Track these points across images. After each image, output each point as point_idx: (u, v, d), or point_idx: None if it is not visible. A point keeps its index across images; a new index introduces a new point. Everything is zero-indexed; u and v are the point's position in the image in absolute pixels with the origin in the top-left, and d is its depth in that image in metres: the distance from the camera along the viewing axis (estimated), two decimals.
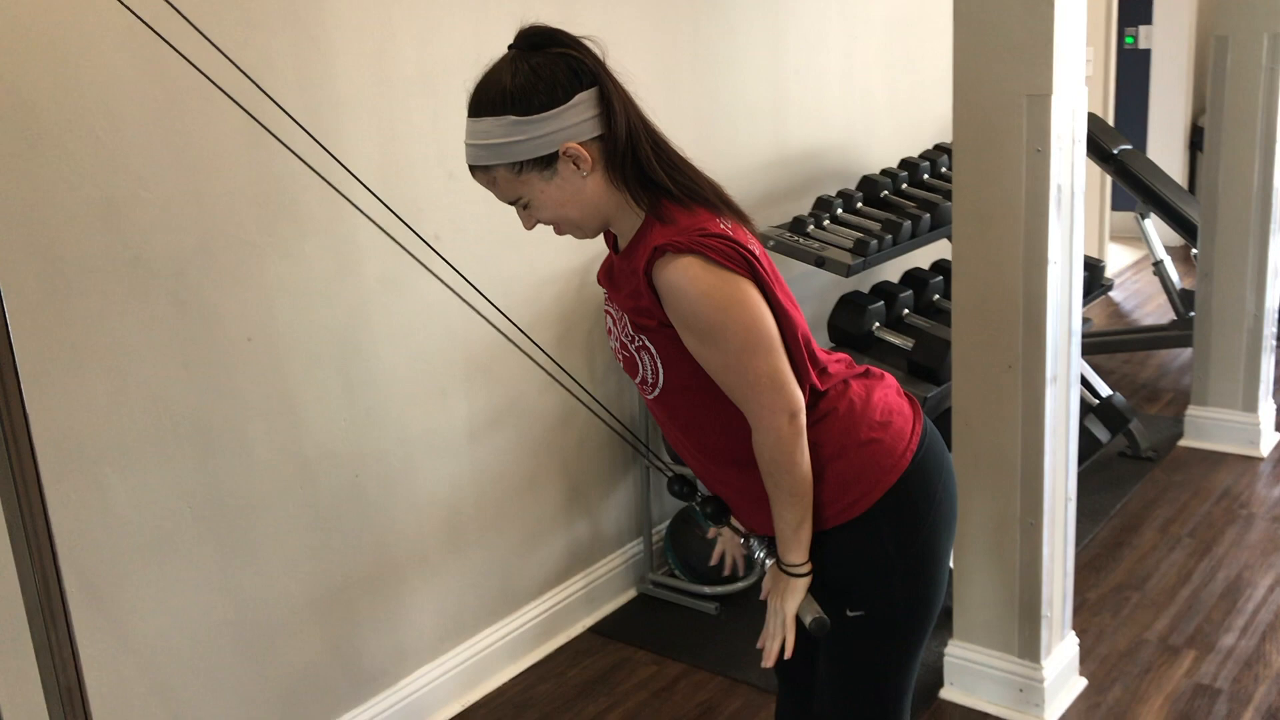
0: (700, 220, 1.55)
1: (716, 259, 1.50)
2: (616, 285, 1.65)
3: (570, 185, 1.55)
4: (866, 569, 1.69)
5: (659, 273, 1.52)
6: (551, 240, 2.95)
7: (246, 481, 2.35)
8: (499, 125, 1.51)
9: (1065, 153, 2.39)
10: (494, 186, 1.57)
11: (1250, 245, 3.86)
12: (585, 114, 1.52)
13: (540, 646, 3.07)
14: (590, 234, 1.64)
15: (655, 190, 1.57)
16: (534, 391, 2.96)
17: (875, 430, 1.66)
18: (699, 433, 1.68)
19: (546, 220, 1.61)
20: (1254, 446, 4.03)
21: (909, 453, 1.67)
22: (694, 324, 1.53)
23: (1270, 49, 3.70)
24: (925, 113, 4.46)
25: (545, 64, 1.51)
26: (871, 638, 1.72)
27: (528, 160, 1.52)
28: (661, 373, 1.62)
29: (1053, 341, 2.46)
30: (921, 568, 1.69)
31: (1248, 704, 2.68)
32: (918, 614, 1.72)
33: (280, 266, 2.36)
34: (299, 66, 2.33)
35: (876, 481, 1.65)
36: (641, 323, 1.59)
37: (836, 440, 1.64)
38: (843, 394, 1.67)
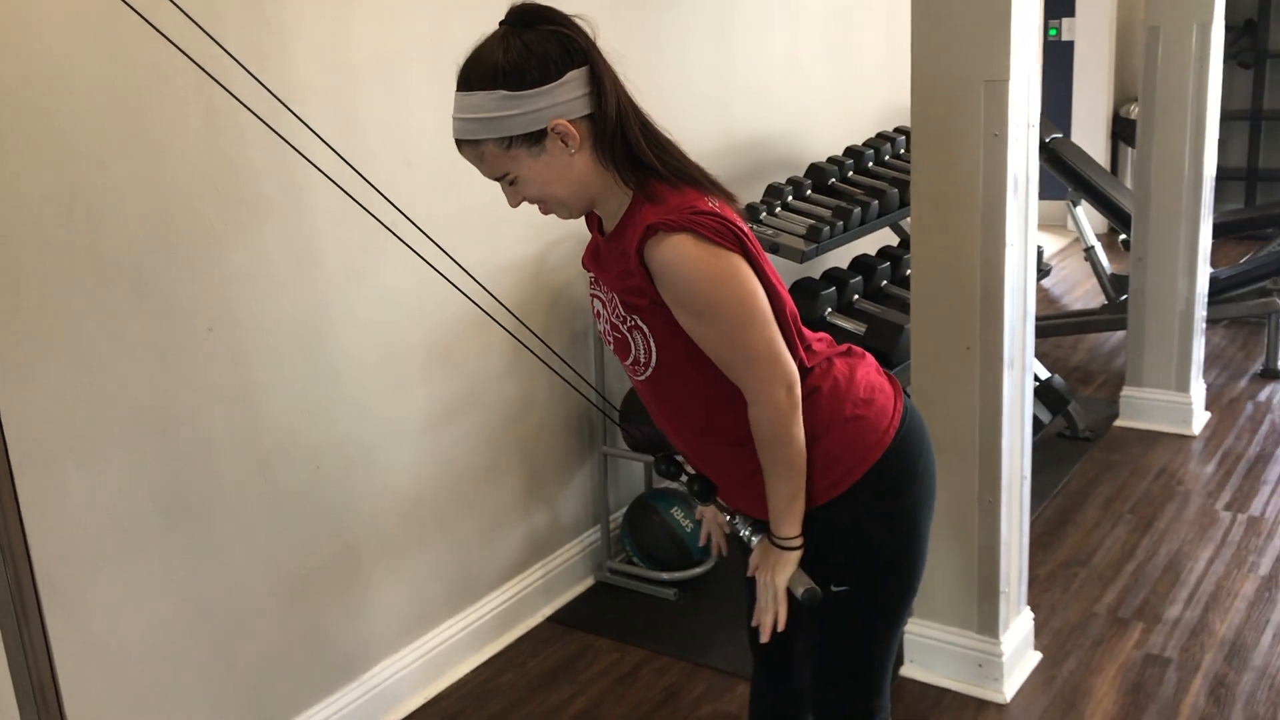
0: (689, 199, 1.56)
1: (709, 235, 1.51)
2: (604, 266, 1.66)
3: (558, 162, 1.55)
4: (851, 544, 1.71)
5: (652, 251, 1.52)
6: (509, 227, 2.93)
7: (208, 473, 2.31)
8: (490, 100, 1.50)
9: (1021, 138, 2.43)
10: (480, 161, 1.57)
11: (1182, 231, 3.97)
12: (575, 92, 1.52)
13: (501, 636, 3.06)
14: (576, 213, 1.64)
15: (643, 170, 1.57)
16: (493, 380, 2.95)
17: (859, 407, 1.68)
18: (690, 412, 1.69)
19: (533, 197, 1.60)
20: (1187, 425, 4.15)
21: (891, 429, 1.70)
22: (689, 301, 1.54)
23: (1200, 38, 3.80)
24: (865, 101, 4.51)
25: (537, 40, 1.51)
26: (855, 612, 1.75)
27: (517, 136, 1.52)
28: (655, 352, 1.62)
29: (1010, 324, 2.51)
30: (904, 542, 1.72)
31: (1195, 672, 2.76)
32: (900, 588, 1.75)
33: (240, 254, 2.31)
34: (255, 52, 2.29)
35: (861, 458, 1.67)
36: (633, 302, 1.59)
37: (822, 417, 1.66)
38: (827, 372, 1.69)
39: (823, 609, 1.76)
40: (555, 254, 3.08)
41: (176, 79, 2.16)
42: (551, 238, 3.06)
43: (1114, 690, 2.71)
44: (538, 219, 3.00)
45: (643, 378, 1.68)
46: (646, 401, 1.75)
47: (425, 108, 2.66)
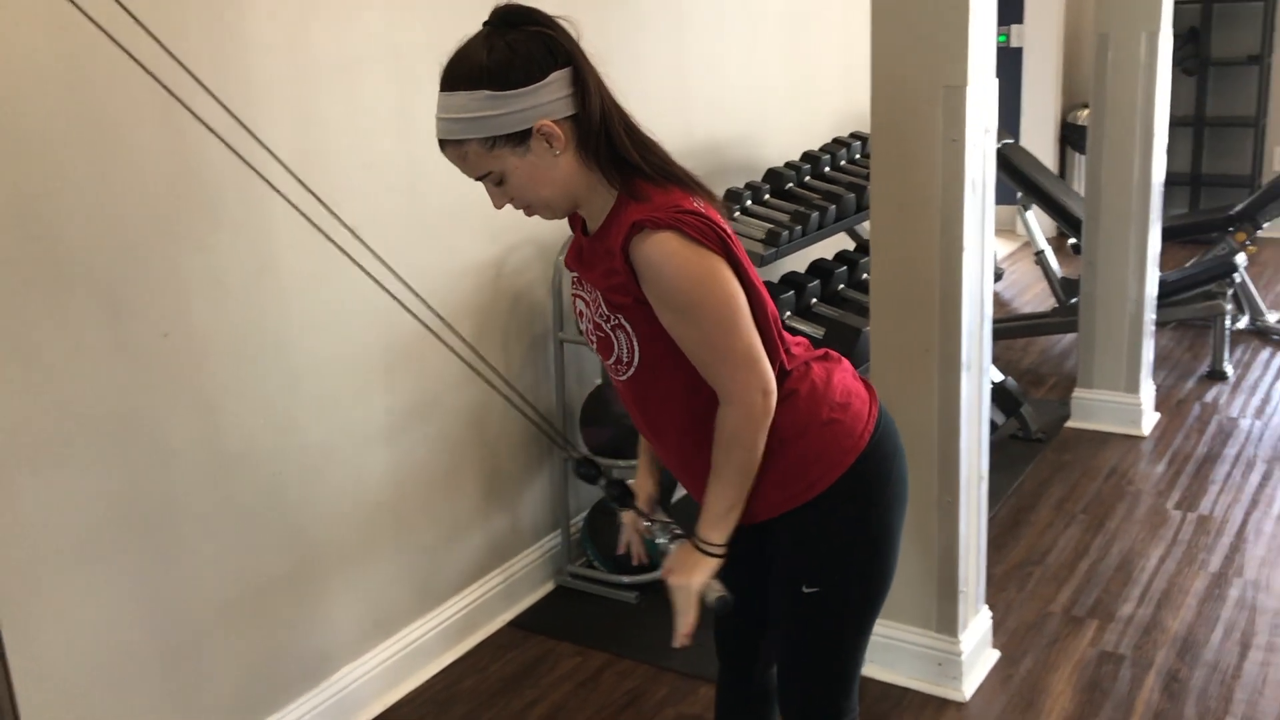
0: (674, 198, 1.57)
1: (693, 235, 1.52)
2: (588, 265, 1.66)
3: (542, 163, 1.55)
4: (824, 547, 1.73)
5: (637, 248, 1.53)
6: (469, 230, 2.92)
7: (165, 481, 2.28)
8: (474, 100, 1.50)
9: (978, 142, 2.47)
10: (464, 161, 1.56)
11: (1131, 235, 4.04)
12: (559, 92, 1.53)
13: (462, 642, 3.04)
14: (560, 214, 1.65)
15: (628, 170, 1.58)
16: (453, 386, 2.93)
17: (835, 411, 1.70)
18: (671, 414, 1.69)
19: (517, 198, 1.60)
20: (1136, 426, 4.22)
21: (866, 434, 1.71)
22: (671, 299, 1.54)
23: (1148, 46, 3.87)
24: (821, 106, 4.54)
25: (521, 41, 1.52)
26: (827, 614, 1.76)
27: (500, 136, 1.52)
28: (637, 352, 1.63)
29: (967, 327, 2.54)
30: (877, 545, 1.74)
31: (1149, 669, 2.81)
32: (872, 591, 1.77)
33: (197, 259, 2.29)
34: (214, 52, 2.26)
35: (836, 461, 1.69)
36: (617, 300, 1.60)
37: (800, 420, 1.68)
38: (805, 375, 1.70)
39: (795, 611, 1.77)
40: (515, 257, 3.08)
41: (133, 83, 2.13)
42: (511, 241, 3.06)
43: (1070, 687, 2.75)
44: (497, 222, 2.99)
45: (624, 377, 1.69)
46: (628, 403, 1.75)
47: (385, 110, 2.65)
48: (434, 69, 2.71)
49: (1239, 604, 3.07)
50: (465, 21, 2.78)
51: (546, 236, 3.16)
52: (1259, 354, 4.97)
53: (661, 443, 1.75)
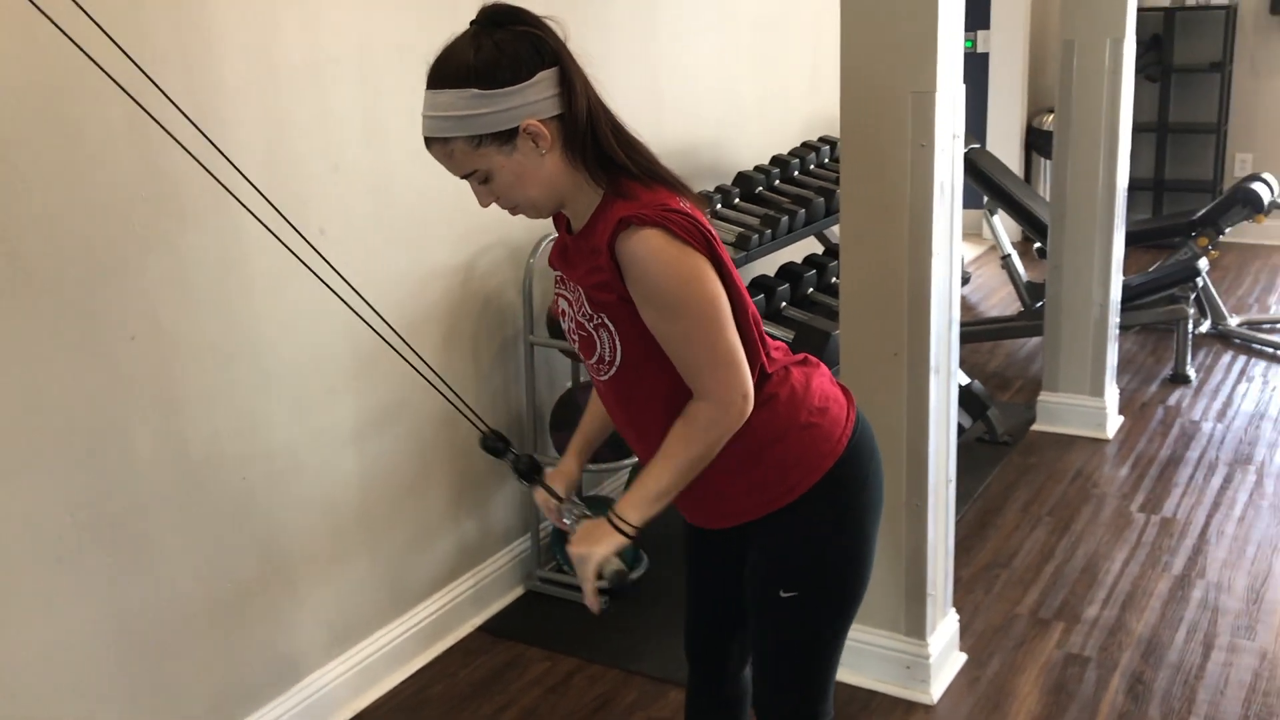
0: (661, 197, 1.57)
1: (679, 233, 1.53)
2: (572, 264, 1.66)
3: (529, 162, 1.55)
4: (802, 550, 1.73)
5: (623, 244, 1.53)
6: (438, 233, 2.91)
7: (131, 487, 2.26)
8: (461, 98, 1.51)
9: (947, 148, 2.48)
10: (449, 159, 1.56)
11: (1096, 240, 4.08)
12: (546, 92, 1.53)
13: (431, 647, 3.03)
14: (545, 214, 1.65)
15: (615, 170, 1.59)
16: (422, 388, 2.91)
17: (814, 415, 1.71)
18: (653, 413, 1.69)
19: (502, 197, 1.60)
20: (1101, 429, 4.26)
21: (844, 438, 1.72)
22: (655, 296, 1.55)
23: (1113, 53, 3.91)
24: (790, 111, 4.56)
25: (508, 40, 1.52)
26: (804, 618, 1.76)
27: (487, 134, 1.52)
28: (619, 350, 1.63)
29: (936, 330, 2.56)
30: (853, 549, 1.75)
31: (1114, 670, 2.84)
32: (848, 594, 1.78)
33: (164, 261, 2.27)
34: (182, 54, 2.24)
35: (815, 466, 1.70)
36: (601, 298, 1.60)
37: (779, 424, 1.68)
38: (785, 379, 1.71)
39: (771, 614, 1.78)
40: (485, 260, 3.07)
41: (98, 84, 2.10)
42: (481, 244, 3.05)
43: (1037, 690, 2.77)
44: (466, 225, 2.98)
45: (606, 377, 1.69)
46: (609, 403, 1.75)
47: (354, 112, 2.63)
48: (403, 73, 2.72)
49: (1201, 605, 3.10)
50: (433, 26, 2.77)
51: (516, 239, 3.15)
52: (1220, 358, 5.04)
53: (645, 444, 1.75)
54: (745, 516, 1.76)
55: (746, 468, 1.71)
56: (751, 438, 1.69)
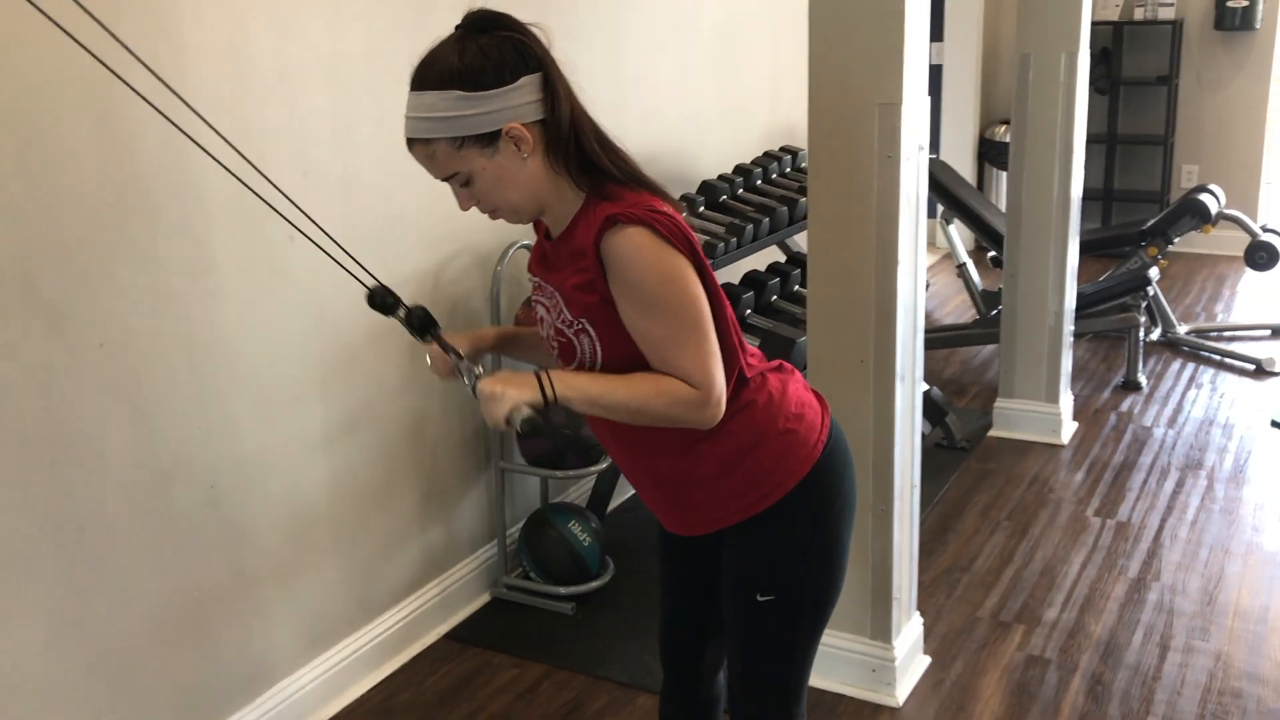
0: (645, 199, 1.60)
1: (664, 233, 1.55)
2: (552, 269, 1.68)
3: (510, 166, 1.57)
4: (779, 555, 1.76)
5: (608, 241, 1.55)
6: (406, 240, 2.91)
7: (100, 495, 2.24)
8: (444, 99, 1.52)
9: (912, 158, 2.53)
10: (430, 161, 1.58)
11: (1052, 249, 4.16)
12: (529, 97, 1.55)
13: (398, 655, 3.02)
14: (525, 219, 1.67)
15: (598, 174, 1.61)
16: (390, 394, 2.92)
17: (791, 422, 1.73)
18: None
19: (482, 200, 1.62)
20: (1056, 435, 4.34)
21: (820, 444, 1.75)
22: (637, 294, 1.57)
23: (1068, 67, 3.99)
24: (751, 120, 4.60)
25: (493, 45, 1.54)
26: (780, 623, 1.79)
27: (469, 136, 1.54)
28: (600, 354, 1.64)
29: (902, 338, 2.60)
30: (829, 554, 1.78)
31: (1074, 672, 2.89)
32: (823, 598, 1.80)
33: (133, 267, 2.25)
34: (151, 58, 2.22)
35: (792, 471, 1.72)
36: (583, 300, 1.61)
37: (757, 431, 1.70)
38: (762, 386, 1.73)
39: (748, 619, 1.80)
40: (452, 267, 3.07)
41: (68, 85, 2.09)
42: (448, 250, 3.05)
43: (1000, 691, 2.82)
44: (433, 231, 2.98)
45: None
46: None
47: (322, 117, 2.63)
48: (371, 80, 2.72)
49: (1157, 608, 3.17)
50: (401, 33, 2.78)
51: (483, 246, 3.15)
52: (1170, 365, 5.14)
53: (624, 449, 1.77)
54: (722, 522, 1.78)
55: (724, 473, 1.73)
56: (730, 443, 1.71)
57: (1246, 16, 6.64)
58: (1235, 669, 2.87)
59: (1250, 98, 6.86)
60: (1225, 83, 6.90)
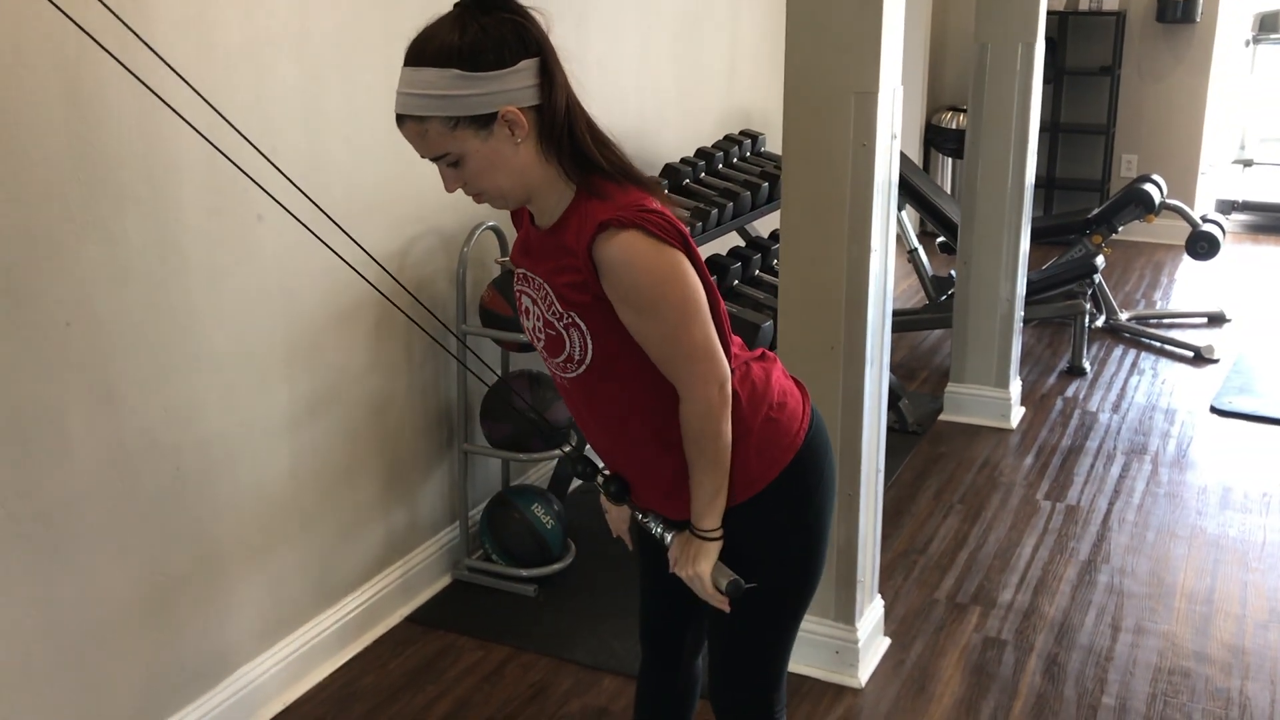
0: (634, 196, 1.59)
1: (657, 233, 1.55)
2: (537, 259, 1.66)
3: (503, 150, 1.55)
4: (763, 543, 1.77)
5: (602, 246, 1.54)
6: (372, 220, 2.87)
7: (64, 478, 2.19)
8: (442, 77, 1.50)
9: (886, 147, 2.55)
10: (422, 139, 1.55)
11: (1005, 236, 4.22)
12: (526, 81, 1.54)
13: (359, 638, 3.00)
14: (512, 204, 1.66)
15: (588, 166, 1.59)
16: (354, 376, 2.89)
17: (774, 410, 1.74)
18: (619, 411, 1.71)
19: (470, 183, 1.60)
20: (1005, 420, 4.41)
21: (802, 432, 1.76)
22: (634, 297, 1.56)
23: (1024, 56, 4.05)
24: (709, 104, 4.60)
25: (494, 25, 1.52)
26: (764, 609, 1.80)
27: (465, 117, 1.52)
28: (591, 349, 1.64)
29: (871, 325, 2.63)
30: (811, 540, 1.79)
31: (1030, 652, 2.96)
32: (805, 585, 1.82)
33: (101, 246, 2.20)
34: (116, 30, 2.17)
35: (775, 460, 1.73)
36: (575, 299, 1.60)
37: (742, 420, 1.71)
38: (745, 375, 1.74)
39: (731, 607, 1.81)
40: (418, 249, 3.04)
41: (34, 61, 2.03)
42: (413, 233, 3.02)
43: (959, 672, 2.88)
44: (397, 213, 2.95)
45: (574, 375, 1.69)
46: (574, 401, 1.76)
47: (291, 96, 2.58)
48: (339, 58, 2.68)
49: (1108, 589, 3.25)
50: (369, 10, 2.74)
51: (448, 228, 3.13)
52: (1113, 351, 5.26)
53: (609, 437, 1.76)
54: None
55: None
56: None
57: (1188, 9, 6.77)
58: (1184, 649, 2.96)
59: (1189, 89, 7.01)
60: (1166, 74, 7.04)
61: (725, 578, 1.71)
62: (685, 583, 1.75)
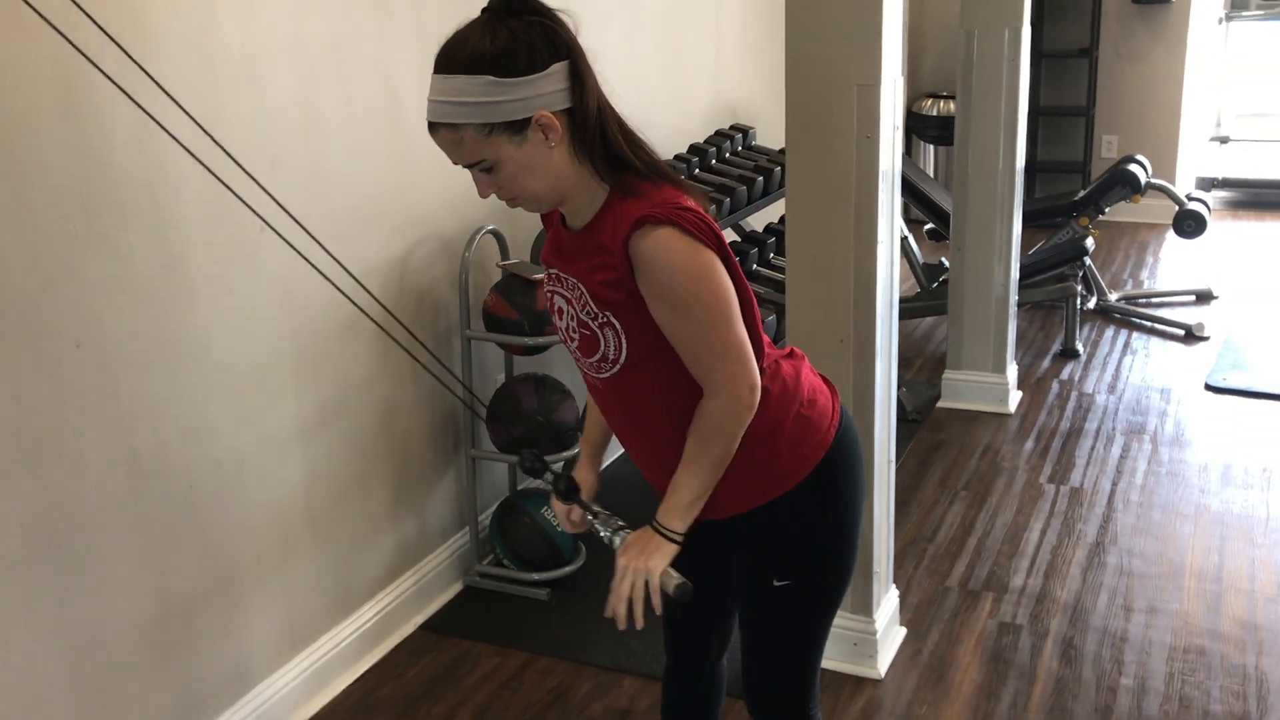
0: (669, 194, 1.58)
1: (693, 231, 1.55)
2: (570, 259, 1.66)
3: (538, 154, 1.55)
4: (796, 540, 1.77)
5: (639, 243, 1.54)
6: (373, 228, 2.86)
7: (79, 499, 2.17)
8: (475, 84, 1.49)
9: (889, 138, 2.55)
10: (457, 147, 1.54)
11: (997, 222, 4.23)
12: (558, 85, 1.53)
13: (375, 649, 2.98)
14: (546, 207, 1.65)
15: (621, 167, 1.59)
16: (361, 384, 2.87)
17: (805, 407, 1.74)
18: (653, 411, 1.70)
19: (504, 188, 1.59)
20: (1004, 405, 4.43)
21: (833, 428, 1.76)
22: (670, 294, 1.56)
23: (1011, 41, 4.06)
24: (696, 99, 4.59)
25: (524, 29, 1.51)
26: (798, 607, 1.80)
27: (499, 123, 1.51)
28: (625, 348, 1.63)
29: (881, 316, 2.63)
30: (843, 536, 1.79)
31: (1046, 636, 2.97)
32: (839, 580, 1.82)
33: (106, 263, 2.18)
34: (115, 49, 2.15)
35: (808, 456, 1.73)
36: (610, 297, 1.60)
37: (773, 417, 1.71)
38: (776, 373, 1.74)
39: (765, 605, 1.81)
40: (419, 255, 3.02)
41: (30, 75, 2.01)
42: (414, 238, 3.00)
43: (976, 659, 2.88)
44: (398, 220, 2.93)
45: (608, 375, 1.68)
46: (607, 402, 1.75)
47: (291, 106, 2.56)
48: (338, 66, 2.66)
49: (1117, 571, 3.26)
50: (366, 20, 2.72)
51: (449, 233, 3.11)
52: (1104, 332, 5.28)
53: (643, 441, 1.76)
54: (741, 508, 1.78)
55: (741, 461, 1.73)
56: (747, 432, 1.71)
57: None
58: (1197, 627, 2.98)
59: (1166, 68, 7.05)
60: (1143, 54, 7.08)
61: (674, 580, 1.65)
62: (619, 572, 1.67)
